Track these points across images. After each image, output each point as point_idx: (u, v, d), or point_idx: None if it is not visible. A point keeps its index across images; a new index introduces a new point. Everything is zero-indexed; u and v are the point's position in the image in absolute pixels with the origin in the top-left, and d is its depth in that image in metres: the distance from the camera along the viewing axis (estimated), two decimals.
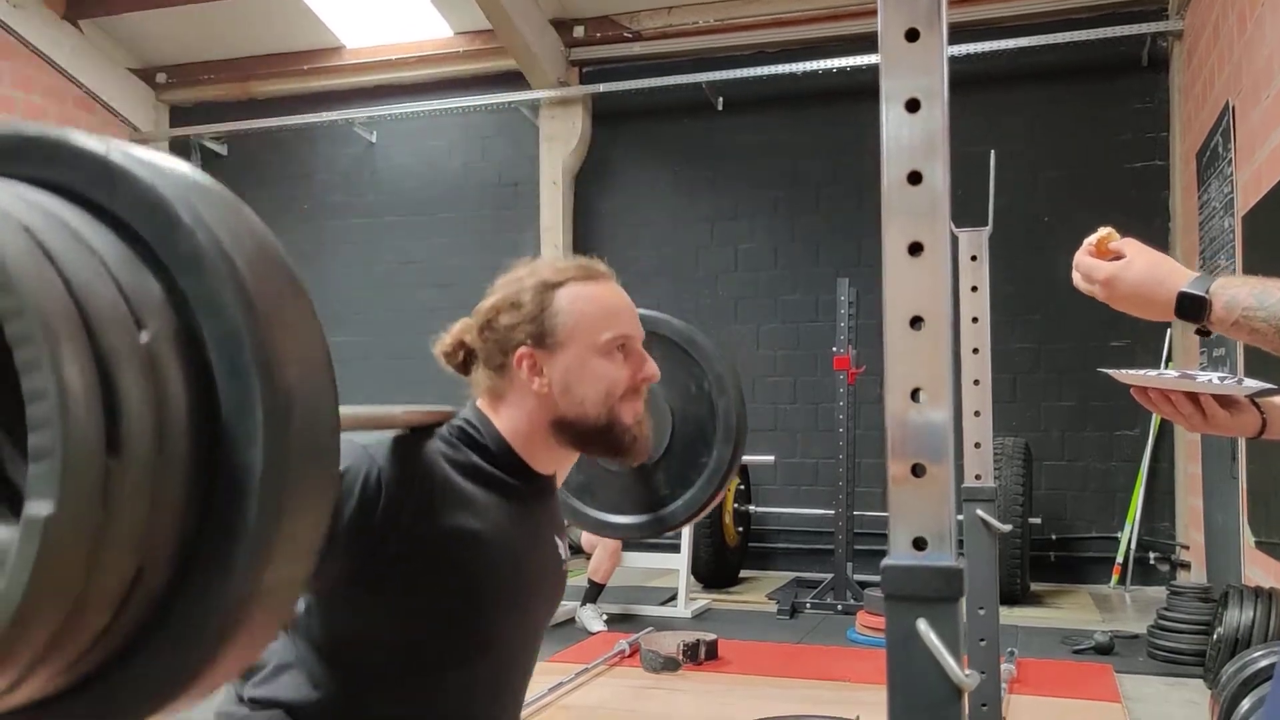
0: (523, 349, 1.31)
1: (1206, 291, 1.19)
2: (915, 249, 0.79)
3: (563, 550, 1.45)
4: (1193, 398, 1.36)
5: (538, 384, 1.31)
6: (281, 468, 0.56)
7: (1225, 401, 1.36)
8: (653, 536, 1.76)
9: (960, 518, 2.96)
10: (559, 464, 1.40)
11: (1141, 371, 1.41)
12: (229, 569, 0.55)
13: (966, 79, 6.28)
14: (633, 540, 1.53)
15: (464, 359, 1.39)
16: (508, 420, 1.34)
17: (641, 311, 1.52)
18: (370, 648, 1.25)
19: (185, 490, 0.54)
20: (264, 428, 0.55)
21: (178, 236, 0.55)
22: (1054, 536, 6.50)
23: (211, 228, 0.55)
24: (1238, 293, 1.17)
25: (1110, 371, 1.47)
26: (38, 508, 0.48)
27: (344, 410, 1.12)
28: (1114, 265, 1.29)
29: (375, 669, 1.25)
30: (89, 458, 0.49)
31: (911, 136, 0.79)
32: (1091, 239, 1.32)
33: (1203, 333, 1.24)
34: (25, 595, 0.48)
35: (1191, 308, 1.20)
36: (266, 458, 0.55)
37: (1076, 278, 1.35)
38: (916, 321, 0.79)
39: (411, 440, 1.26)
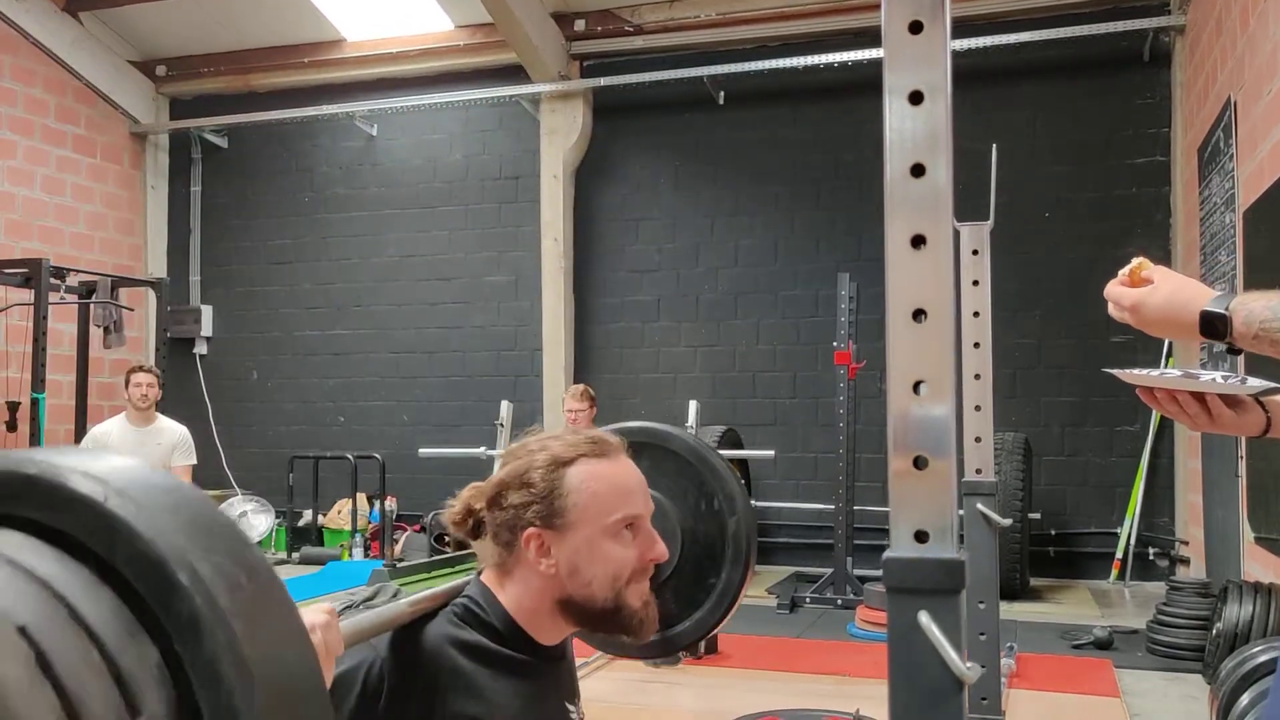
0: (531, 530, 1.29)
1: (1227, 309, 1.20)
2: (918, 241, 0.79)
3: (575, 715, 1.45)
4: (1198, 397, 1.36)
5: (545, 565, 1.30)
6: None
7: (1230, 401, 1.36)
8: (659, 656, 1.74)
9: (960, 512, 2.97)
10: (564, 635, 1.40)
11: (1145, 371, 1.41)
12: None
13: (969, 74, 6.27)
14: (639, 658, 1.52)
15: (473, 526, 1.37)
16: (513, 597, 1.33)
17: (654, 426, 1.49)
18: None
19: None
20: None
21: (175, 600, 0.54)
22: (1054, 531, 6.50)
23: (209, 588, 0.55)
24: (1255, 307, 1.18)
25: (1114, 371, 1.47)
26: None
27: (349, 625, 1.12)
28: (1140, 291, 1.31)
29: None
30: None
31: (914, 129, 0.79)
32: (1124, 270, 1.34)
33: (1233, 350, 1.25)
34: None
35: (1214, 326, 1.21)
36: None
37: (1110, 307, 1.36)
38: (919, 314, 0.79)
39: (416, 626, 1.26)
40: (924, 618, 0.75)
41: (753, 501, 6.75)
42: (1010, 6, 6.70)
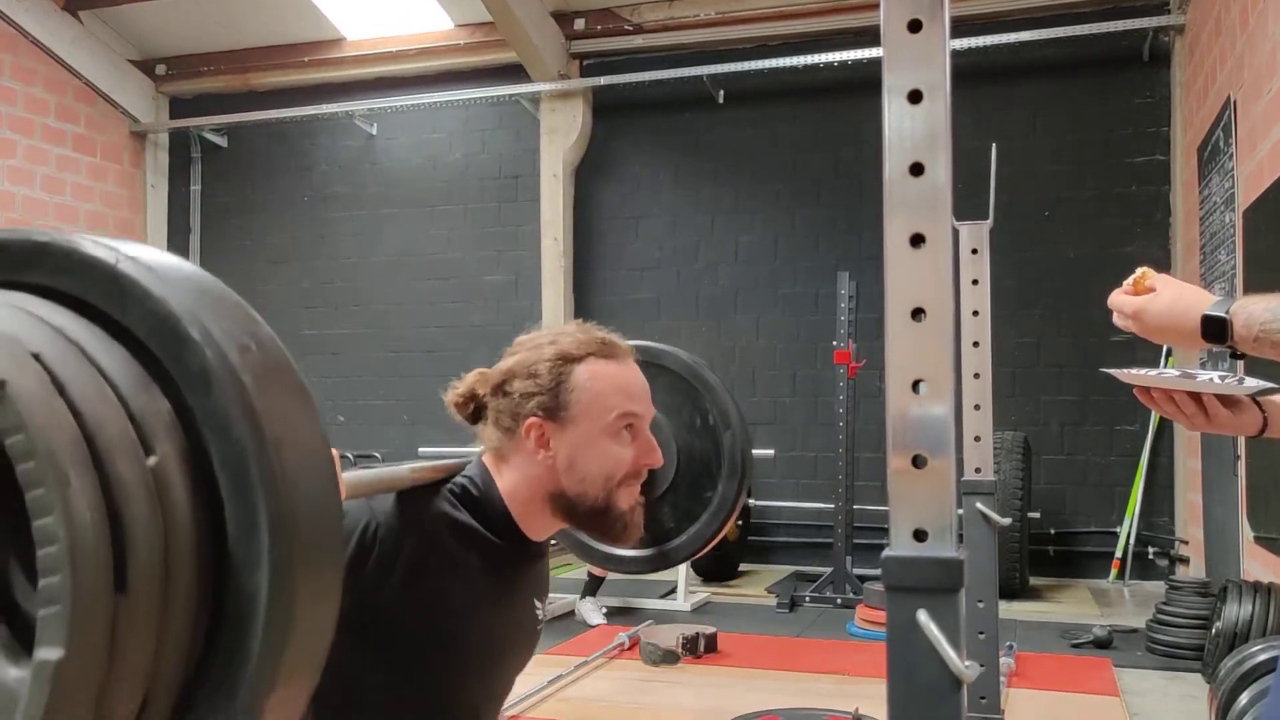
0: (533, 420, 1.32)
1: (1227, 312, 1.20)
2: (917, 240, 0.79)
3: (540, 612, 1.48)
4: (1195, 397, 1.36)
5: (543, 455, 1.32)
6: (286, 591, 0.56)
7: (1227, 400, 1.36)
8: (656, 571, 1.77)
9: (959, 511, 2.97)
10: (551, 531, 1.42)
11: (1142, 370, 1.41)
12: (233, 695, 0.55)
13: (968, 73, 6.26)
14: (636, 574, 1.55)
15: (474, 411, 1.40)
16: (509, 484, 1.36)
17: (650, 344, 1.51)
18: (346, 699, 1.26)
19: (191, 619, 0.55)
20: (269, 551, 0.55)
21: (186, 353, 0.55)
22: (1053, 531, 6.50)
23: (220, 344, 0.55)
24: (1255, 309, 1.18)
25: (1112, 371, 1.47)
26: (48, 653, 0.49)
27: (350, 477, 1.14)
28: (1142, 299, 1.32)
29: (346, 714, 1.27)
30: (97, 602, 0.50)
31: (914, 128, 0.79)
32: (1129, 279, 1.35)
33: (1236, 355, 1.25)
34: None
35: (1215, 329, 1.21)
36: (271, 582, 0.55)
37: (1115, 316, 1.37)
38: (918, 313, 0.79)
39: (415, 497, 1.28)
40: (923, 617, 0.75)
41: (752, 501, 6.79)
42: (1010, 6, 6.70)
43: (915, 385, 0.79)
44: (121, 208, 8.54)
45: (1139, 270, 1.35)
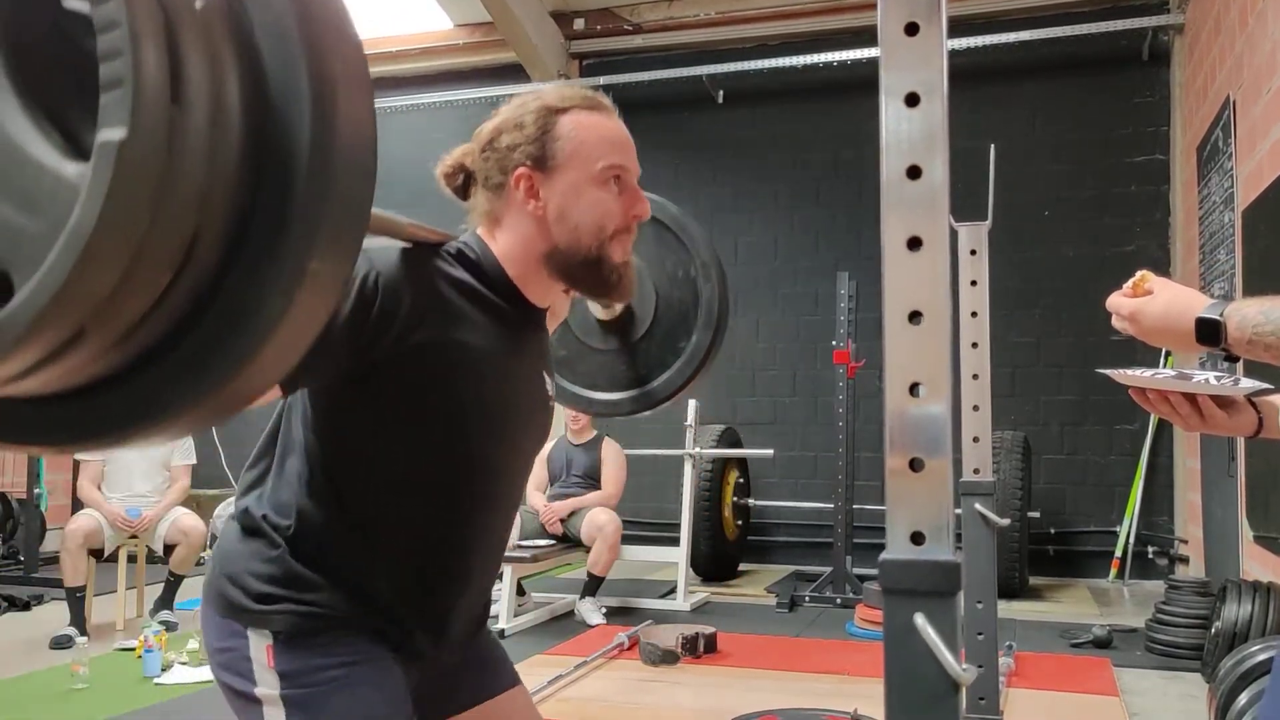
0: (521, 169, 1.32)
1: (1221, 315, 1.21)
2: (914, 244, 0.79)
3: (549, 387, 1.48)
4: (1190, 398, 1.37)
5: (533, 206, 1.32)
6: (327, 153, 0.59)
7: (1223, 401, 1.37)
8: (635, 412, 1.77)
9: (958, 511, 2.97)
10: (549, 298, 1.42)
11: (1138, 371, 1.41)
12: (277, 249, 0.58)
13: (966, 73, 6.27)
14: (616, 415, 1.53)
15: (464, 182, 1.40)
16: (503, 245, 1.35)
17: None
18: (367, 462, 1.27)
19: (238, 160, 0.57)
20: (311, 112, 0.58)
21: None
22: (1052, 530, 6.50)
23: None
24: (1248, 312, 1.19)
25: (1108, 371, 1.47)
26: (111, 134, 0.51)
27: None
28: (1139, 300, 1.32)
29: (371, 484, 1.28)
30: (157, 89, 0.52)
31: (911, 131, 0.79)
32: (1129, 283, 1.35)
33: (1231, 358, 1.26)
34: (98, 224, 0.51)
35: (1209, 332, 1.22)
36: (313, 140, 0.58)
37: (1113, 318, 1.38)
38: (915, 316, 0.79)
39: (412, 252, 1.27)
40: (920, 620, 0.75)
41: (751, 501, 6.79)
42: (1009, 5, 6.70)
43: (913, 388, 0.79)
44: None
45: (1139, 273, 1.36)
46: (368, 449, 1.27)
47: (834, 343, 5.84)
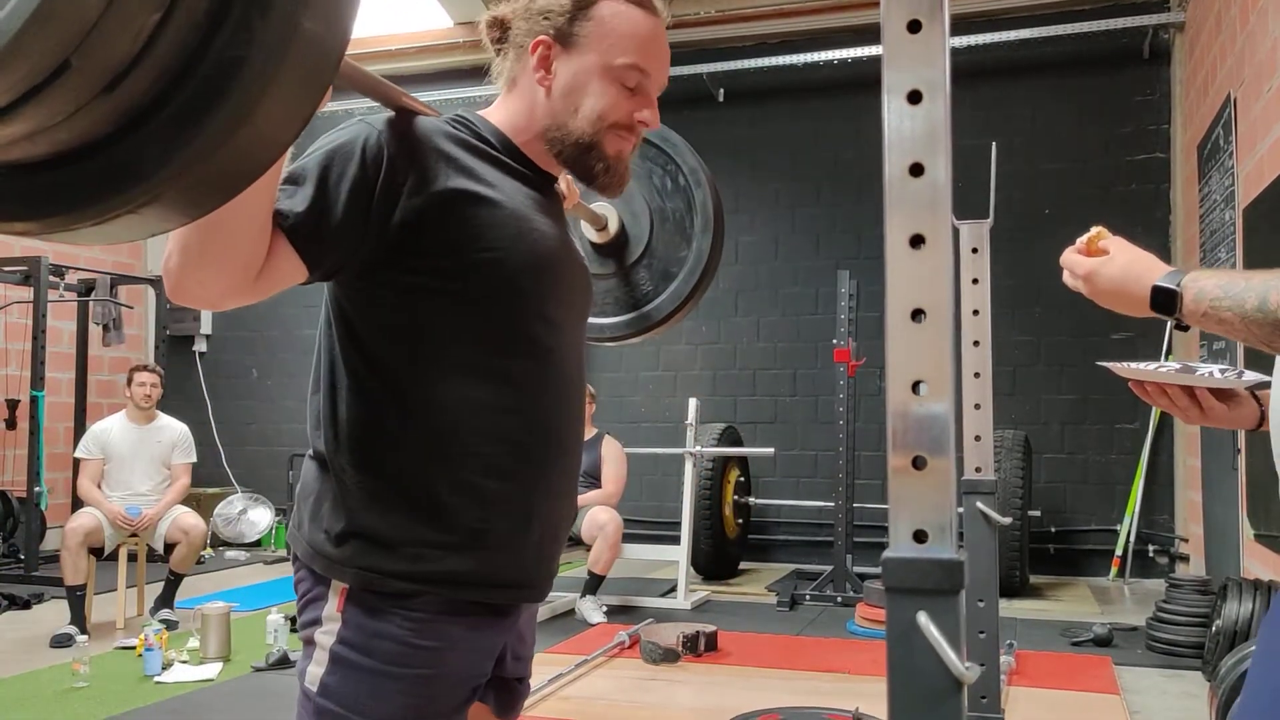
0: (543, 37, 1.29)
1: (1178, 285, 1.19)
2: (917, 241, 0.79)
3: (583, 257, 1.41)
4: (1188, 390, 1.36)
5: (540, 76, 1.29)
6: None
7: (1223, 395, 1.36)
8: (638, 334, 1.72)
9: (960, 510, 2.97)
10: (556, 169, 1.37)
11: (1140, 365, 1.41)
12: (267, 7, 0.56)
13: (968, 71, 6.27)
14: (620, 340, 1.48)
15: (499, 38, 1.36)
16: (511, 110, 1.32)
17: None
18: (417, 341, 1.20)
19: None
20: None
21: None
22: (1053, 529, 6.50)
23: None
24: (1206, 284, 1.17)
25: (1109, 365, 1.47)
26: None
27: (346, 61, 1.10)
28: (1095, 261, 1.31)
29: (430, 368, 1.20)
30: None
31: (913, 129, 0.79)
32: (1082, 238, 1.33)
33: (1181, 327, 1.24)
34: None
35: (1164, 301, 1.20)
36: None
37: (1065, 274, 1.36)
38: (918, 314, 0.79)
39: (409, 115, 1.25)
40: (923, 618, 0.75)
41: (752, 499, 6.79)
42: (1010, 3, 6.70)
43: (915, 386, 0.79)
44: None
45: (1094, 229, 1.34)
46: (417, 323, 1.20)
47: (834, 342, 5.85)
